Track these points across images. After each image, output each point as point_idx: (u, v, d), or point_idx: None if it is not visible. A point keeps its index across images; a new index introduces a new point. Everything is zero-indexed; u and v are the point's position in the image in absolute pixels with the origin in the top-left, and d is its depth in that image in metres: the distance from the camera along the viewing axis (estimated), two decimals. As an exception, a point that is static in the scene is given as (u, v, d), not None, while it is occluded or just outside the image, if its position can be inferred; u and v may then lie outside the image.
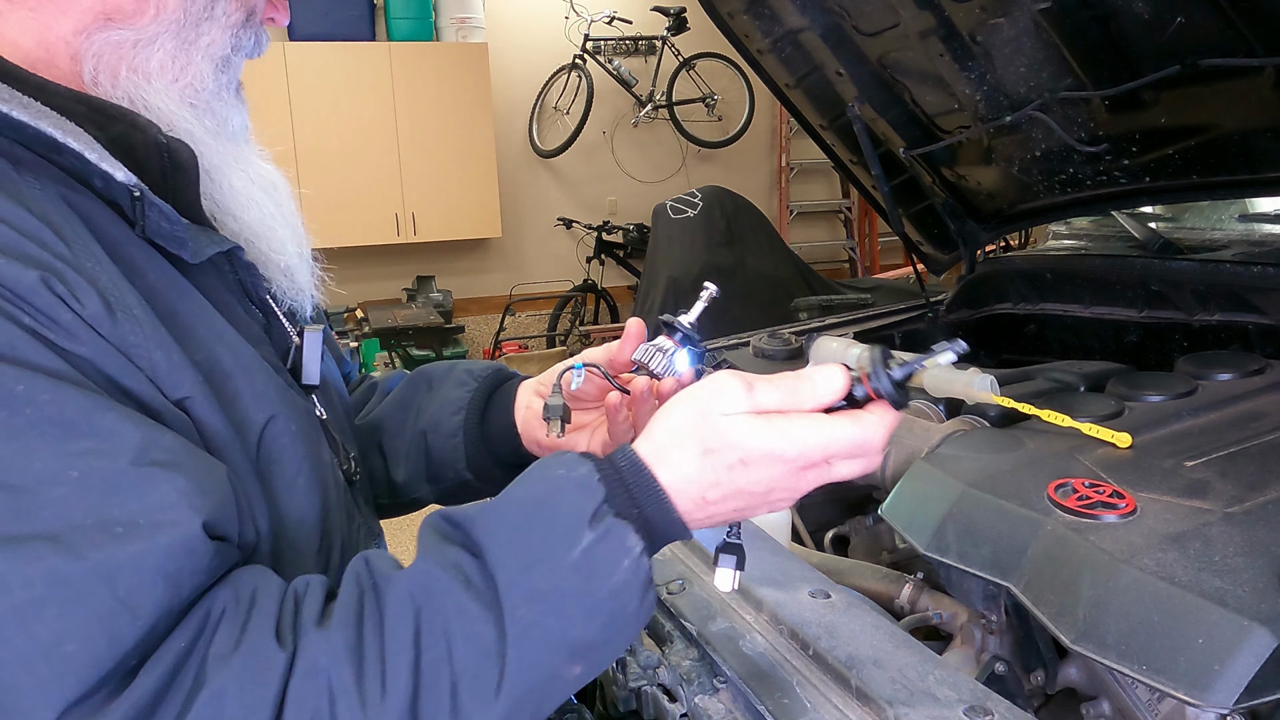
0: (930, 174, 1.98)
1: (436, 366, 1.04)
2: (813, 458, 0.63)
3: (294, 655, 0.55)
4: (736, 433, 0.62)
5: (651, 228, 4.50)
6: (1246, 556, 0.82)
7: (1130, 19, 1.33)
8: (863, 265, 8.32)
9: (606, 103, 7.47)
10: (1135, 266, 1.70)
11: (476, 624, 0.57)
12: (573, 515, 0.60)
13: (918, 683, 0.80)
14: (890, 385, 0.66)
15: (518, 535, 0.60)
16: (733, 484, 0.63)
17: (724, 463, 0.62)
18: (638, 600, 0.61)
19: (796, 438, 0.62)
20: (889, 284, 4.63)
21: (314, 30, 6.47)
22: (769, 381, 0.64)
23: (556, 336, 6.87)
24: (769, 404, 0.63)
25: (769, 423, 0.62)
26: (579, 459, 0.63)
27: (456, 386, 0.98)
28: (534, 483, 0.63)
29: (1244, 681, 0.72)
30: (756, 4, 1.82)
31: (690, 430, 0.63)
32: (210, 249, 0.71)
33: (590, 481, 0.61)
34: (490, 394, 0.98)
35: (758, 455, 0.62)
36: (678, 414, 0.64)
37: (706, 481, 0.62)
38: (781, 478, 0.63)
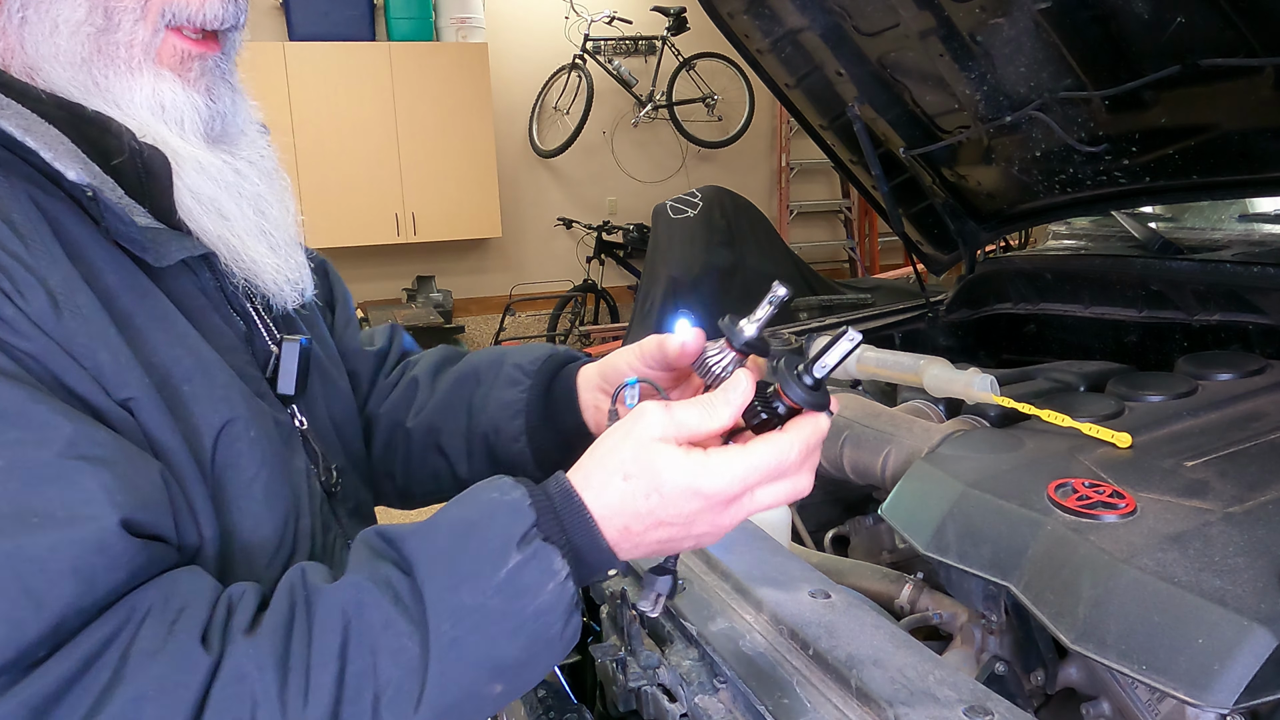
0: (930, 174, 1.98)
1: (481, 359, 1.01)
2: (730, 492, 0.62)
3: (219, 660, 0.55)
4: (652, 460, 0.62)
5: (651, 228, 4.49)
6: (1246, 556, 0.82)
7: (1130, 19, 1.33)
8: (863, 265, 8.32)
9: (606, 103, 7.47)
10: (1135, 266, 1.70)
11: (402, 639, 0.58)
12: (502, 537, 0.61)
13: (918, 683, 0.80)
14: (802, 391, 0.65)
15: (447, 555, 0.60)
16: (651, 514, 0.63)
17: (640, 491, 0.62)
18: (561, 623, 0.62)
19: (712, 471, 0.62)
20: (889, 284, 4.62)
21: (314, 30, 6.48)
22: (689, 403, 0.65)
23: (556, 336, 6.87)
24: (688, 422, 0.63)
25: (685, 454, 0.62)
26: (513, 484, 0.64)
27: (509, 386, 0.94)
28: (468, 505, 0.64)
29: (1244, 681, 0.72)
30: (756, 4, 1.82)
31: (612, 457, 0.64)
32: (178, 253, 0.71)
33: (521, 506, 0.62)
34: (547, 388, 0.94)
35: (671, 487, 0.62)
36: (606, 442, 0.65)
37: (628, 511, 0.63)
38: (700, 513, 0.63)
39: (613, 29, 7.33)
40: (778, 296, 0.70)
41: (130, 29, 0.70)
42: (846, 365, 1.49)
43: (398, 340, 1.13)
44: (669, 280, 4.25)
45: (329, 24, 6.52)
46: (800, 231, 8.43)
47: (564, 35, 7.24)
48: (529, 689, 0.76)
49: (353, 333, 1.06)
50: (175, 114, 0.73)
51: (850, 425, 1.32)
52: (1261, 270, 1.47)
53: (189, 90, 0.74)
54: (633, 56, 7.60)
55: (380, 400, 1.04)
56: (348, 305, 1.09)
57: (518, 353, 0.98)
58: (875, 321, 2.08)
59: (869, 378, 1.49)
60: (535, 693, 1.07)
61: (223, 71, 0.77)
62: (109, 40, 0.70)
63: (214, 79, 0.76)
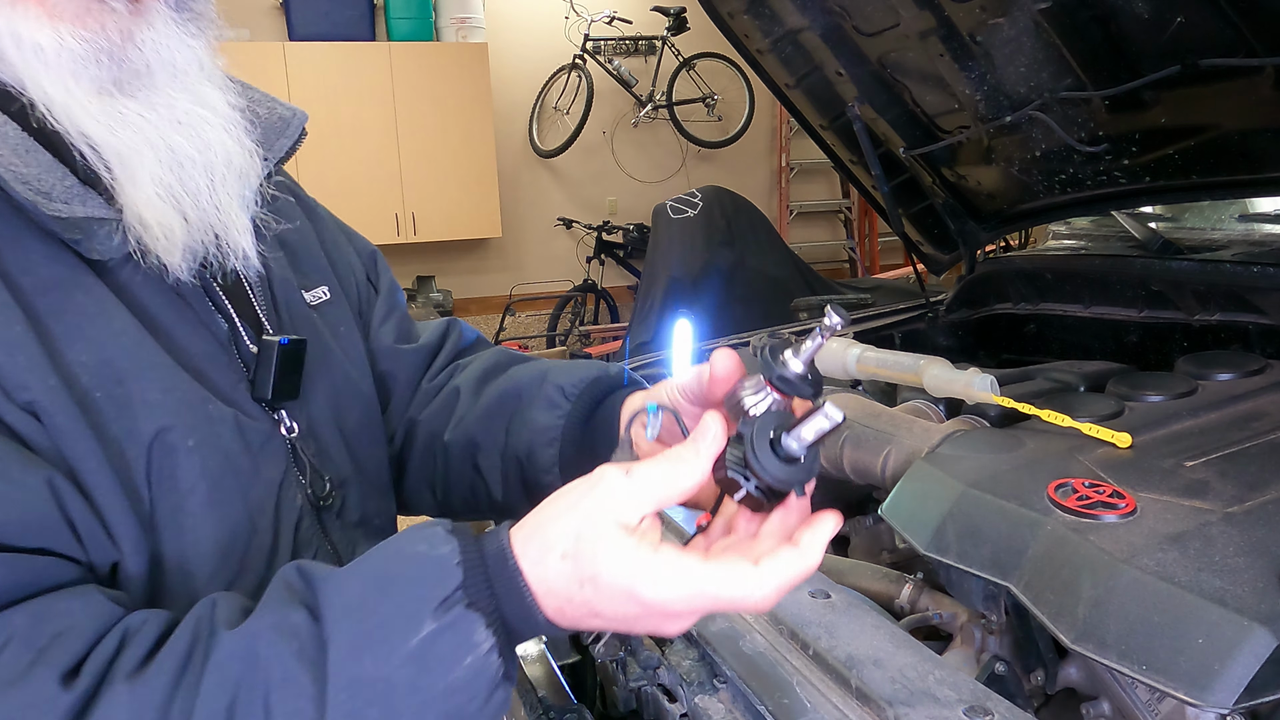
0: (930, 174, 1.97)
1: (525, 374, 0.91)
2: (671, 609, 0.54)
3: (87, 704, 0.50)
4: (595, 545, 0.53)
5: (651, 228, 4.49)
6: (1246, 556, 0.82)
7: (1130, 19, 1.33)
8: (863, 265, 8.32)
9: (606, 103, 7.47)
10: (1135, 266, 1.70)
11: (300, 700, 0.52)
12: (419, 599, 0.54)
13: (918, 683, 0.80)
14: (775, 466, 0.55)
15: (358, 611, 0.54)
16: (586, 604, 0.54)
17: (575, 576, 0.54)
18: (480, 701, 0.54)
19: (655, 580, 0.52)
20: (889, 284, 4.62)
21: (314, 30, 6.48)
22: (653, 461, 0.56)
23: (556, 336, 6.87)
24: (652, 486, 0.55)
25: (633, 548, 0.53)
26: (445, 536, 0.56)
27: (547, 409, 0.85)
28: (390, 555, 0.57)
29: (1244, 681, 0.72)
30: (756, 4, 1.82)
31: (554, 527, 0.55)
32: (124, 245, 0.65)
33: (447, 564, 0.55)
34: (588, 416, 0.84)
35: (609, 583, 0.53)
36: (558, 502, 0.57)
37: (561, 593, 0.55)
38: (639, 618, 0.55)
39: (613, 29, 7.33)
40: (832, 325, 0.56)
41: None
42: (846, 365, 1.49)
43: (453, 338, 1.03)
44: (669, 280, 4.24)
45: (329, 24, 6.52)
46: (800, 231, 8.43)
47: (564, 35, 7.24)
48: None
49: (392, 330, 0.98)
50: (34, 48, 0.61)
51: (850, 425, 1.32)
52: (1261, 270, 1.47)
53: (54, 23, 0.61)
54: (633, 56, 7.59)
55: (422, 406, 0.97)
56: (391, 300, 1.00)
57: (562, 371, 0.88)
58: (875, 321, 2.08)
59: (869, 378, 1.49)
60: (535, 693, 1.07)
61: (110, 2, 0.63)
62: None
63: (91, 5, 0.62)
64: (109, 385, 0.62)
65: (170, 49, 0.67)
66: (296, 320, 0.83)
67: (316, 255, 0.91)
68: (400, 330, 0.99)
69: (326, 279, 0.91)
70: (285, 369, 0.75)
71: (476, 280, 7.61)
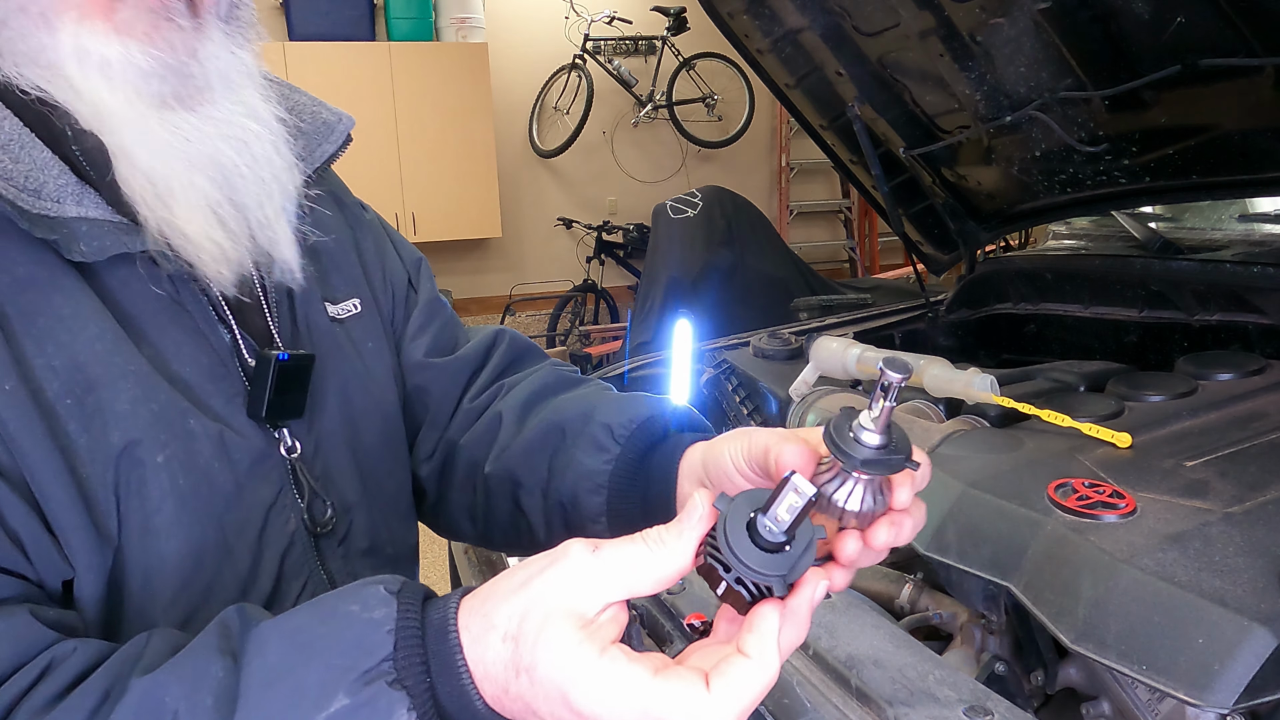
0: (930, 174, 1.97)
1: (570, 409, 0.82)
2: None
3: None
4: (538, 634, 0.47)
5: (651, 228, 4.49)
6: (1246, 556, 0.82)
7: (1130, 19, 1.33)
8: (863, 265, 8.32)
9: (606, 103, 7.47)
10: (1135, 266, 1.70)
11: None
12: (338, 669, 0.48)
13: (918, 683, 0.80)
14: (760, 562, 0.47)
15: (276, 672, 0.48)
16: (519, 695, 0.47)
17: (513, 663, 0.47)
18: None
19: (590, 687, 0.45)
20: (889, 284, 4.62)
21: (314, 30, 6.48)
22: (628, 541, 0.49)
23: (556, 336, 6.87)
24: (620, 570, 0.48)
25: (577, 644, 0.46)
26: (384, 598, 0.50)
27: (594, 452, 0.77)
28: (320, 613, 0.51)
29: (1244, 681, 0.72)
30: (756, 4, 1.82)
31: (502, 606, 0.49)
32: (112, 248, 0.62)
33: (378, 631, 0.49)
34: (640, 461, 0.76)
35: (544, 679, 0.46)
36: (513, 577, 0.50)
37: (499, 679, 0.48)
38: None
39: (613, 29, 7.32)
40: (891, 382, 0.48)
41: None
42: (846, 365, 1.49)
43: (500, 351, 0.94)
44: (669, 280, 4.24)
45: (329, 24, 6.52)
46: (800, 231, 8.43)
47: (564, 35, 7.23)
48: None
49: (427, 342, 0.91)
50: (100, 62, 0.61)
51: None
52: (1261, 270, 1.47)
53: (122, 38, 0.61)
54: (633, 56, 7.59)
55: (463, 428, 0.89)
56: (430, 310, 0.94)
57: (611, 407, 0.80)
58: (875, 321, 2.08)
59: (869, 378, 1.49)
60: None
61: (171, 12, 0.63)
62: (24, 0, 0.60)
63: (159, 21, 0.63)
64: (78, 392, 0.60)
65: (225, 61, 0.68)
66: (315, 334, 0.79)
67: (351, 266, 0.87)
68: (437, 342, 0.92)
69: (359, 291, 0.86)
70: (286, 386, 0.70)
71: (476, 280, 7.61)
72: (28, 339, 0.59)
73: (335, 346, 0.80)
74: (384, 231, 0.96)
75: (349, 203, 0.92)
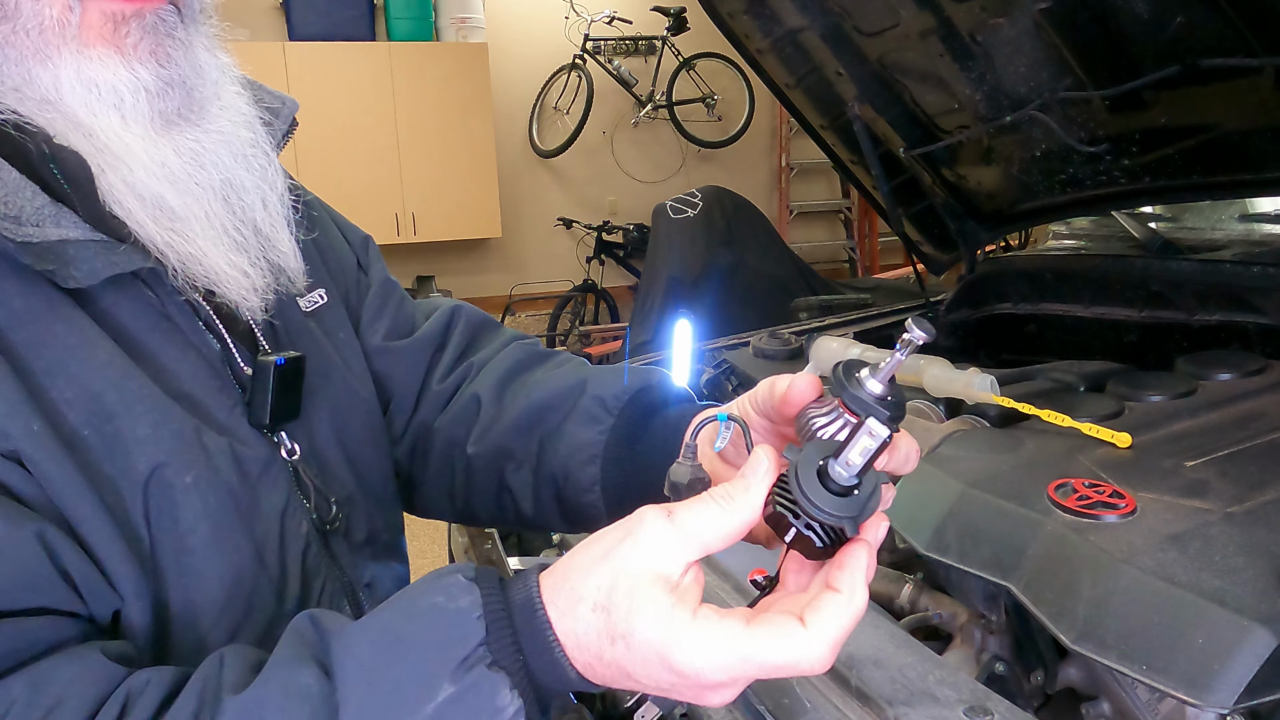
0: (930, 174, 1.97)
1: (558, 381, 0.83)
2: (709, 679, 0.48)
3: None
4: (631, 601, 0.48)
5: (651, 228, 4.49)
6: (1246, 556, 0.82)
7: (1130, 19, 1.33)
8: (863, 265, 8.32)
9: (606, 103, 7.47)
10: (1135, 266, 1.70)
11: None
12: (435, 660, 0.49)
13: (918, 683, 0.80)
14: (832, 505, 0.49)
15: (372, 672, 0.49)
16: (617, 664, 0.49)
17: (607, 632, 0.49)
18: None
19: (691, 648, 0.47)
20: (889, 284, 4.62)
21: (314, 30, 6.48)
22: (698, 502, 0.51)
23: (556, 336, 6.88)
24: (698, 531, 0.50)
25: (671, 608, 0.48)
26: (466, 586, 0.51)
27: (586, 424, 0.78)
28: (404, 609, 0.52)
29: (1244, 681, 0.72)
30: (756, 4, 1.82)
31: (588, 578, 0.50)
32: (103, 270, 0.60)
33: (468, 619, 0.50)
34: (634, 433, 0.77)
35: (642, 645, 0.48)
36: (590, 550, 0.51)
37: (591, 649, 0.49)
38: (674, 687, 0.49)
39: (613, 29, 7.33)
40: (914, 339, 0.50)
41: (33, 10, 0.57)
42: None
43: (459, 330, 0.94)
44: (669, 280, 4.24)
45: (329, 24, 6.52)
46: (800, 231, 8.43)
47: (564, 35, 7.23)
48: None
49: (385, 326, 0.91)
50: (112, 95, 0.60)
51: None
52: (1261, 270, 1.47)
53: (129, 62, 0.61)
54: (633, 56, 7.59)
55: (434, 410, 0.90)
56: (385, 293, 0.93)
57: (602, 380, 0.80)
58: (875, 321, 2.08)
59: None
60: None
61: (170, 26, 0.63)
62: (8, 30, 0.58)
63: (161, 37, 0.62)
64: (98, 422, 0.58)
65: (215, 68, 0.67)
66: (294, 331, 0.78)
67: (311, 256, 0.84)
68: (394, 324, 0.92)
69: (322, 281, 0.85)
70: (284, 389, 0.70)
71: (476, 280, 7.61)
72: (40, 374, 0.57)
73: (313, 341, 0.80)
74: (326, 214, 0.93)
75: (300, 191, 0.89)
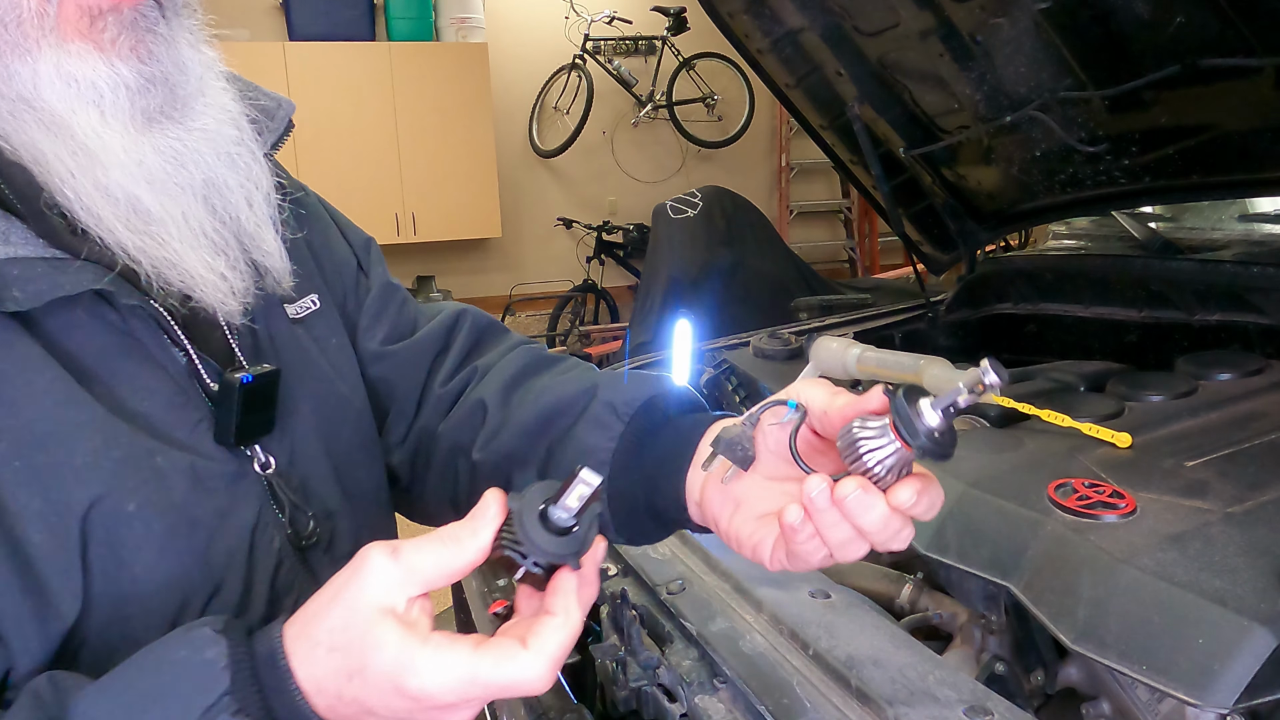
0: (930, 174, 1.97)
1: (568, 385, 0.81)
2: (442, 700, 0.50)
3: None
4: (362, 636, 0.50)
5: (651, 228, 4.49)
6: (1246, 556, 0.82)
7: (1130, 19, 1.33)
8: (863, 265, 8.32)
9: (606, 103, 7.47)
10: (1135, 266, 1.70)
11: None
12: (180, 712, 0.49)
13: (918, 683, 0.80)
14: (552, 544, 0.53)
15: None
16: (356, 700, 0.51)
17: (343, 669, 0.50)
18: None
19: (420, 671, 0.49)
20: (889, 284, 4.63)
21: (314, 30, 6.48)
22: (426, 540, 0.52)
23: (556, 336, 6.88)
24: (422, 568, 0.52)
25: (401, 637, 0.50)
26: (212, 637, 0.52)
27: (595, 429, 0.76)
28: (150, 665, 0.52)
29: (1244, 681, 0.72)
30: (756, 4, 1.82)
31: (320, 622, 0.52)
32: (47, 292, 0.57)
33: (213, 669, 0.50)
34: (645, 440, 0.75)
35: (376, 676, 0.50)
36: (323, 594, 0.53)
37: (330, 689, 0.51)
38: (413, 714, 0.51)
39: (613, 29, 7.32)
40: (989, 383, 0.49)
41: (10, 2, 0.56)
42: (846, 365, 1.49)
43: (464, 333, 0.92)
44: (669, 280, 4.24)
45: (329, 24, 6.51)
46: (800, 231, 8.43)
47: (564, 35, 7.23)
48: None
49: (384, 329, 0.89)
50: (91, 91, 0.58)
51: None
52: (1261, 270, 1.47)
53: (108, 58, 0.59)
54: (633, 56, 7.59)
55: (437, 415, 0.88)
56: (385, 296, 0.90)
57: (612, 385, 0.78)
58: (875, 321, 2.08)
59: (869, 378, 1.49)
60: (535, 693, 1.07)
61: (151, 22, 0.61)
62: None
63: (141, 33, 0.60)
64: (30, 453, 0.56)
65: (199, 63, 0.65)
66: (278, 339, 0.75)
67: (304, 259, 0.82)
68: (394, 328, 0.90)
69: (315, 285, 0.82)
70: (253, 405, 0.67)
71: (476, 280, 7.61)
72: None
73: (300, 350, 0.77)
74: (327, 214, 0.91)
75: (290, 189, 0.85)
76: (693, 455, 0.70)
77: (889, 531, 0.57)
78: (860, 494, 0.55)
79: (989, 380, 0.49)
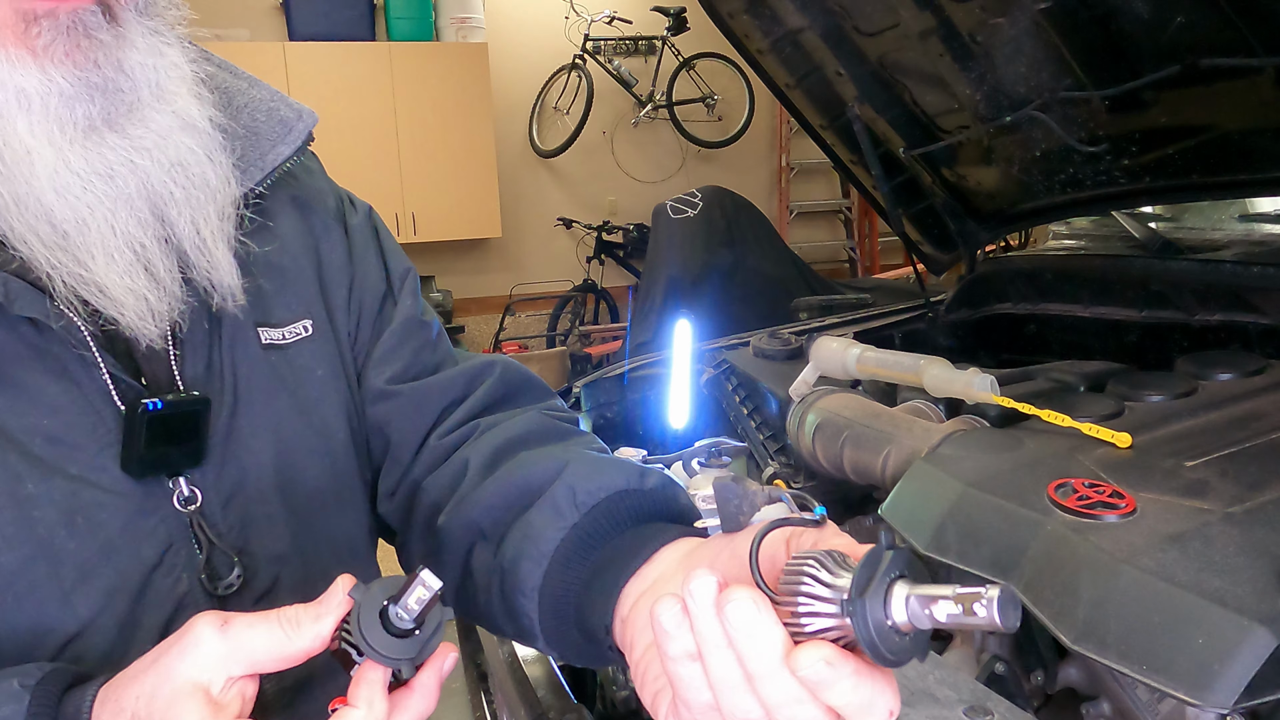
0: (930, 174, 1.98)
1: (544, 461, 0.71)
2: None
3: None
4: (167, 710, 0.47)
5: (651, 228, 4.49)
6: (1246, 556, 0.82)
7: (1130, 19, 1.33)
8: (863, 265, 8.32)
9: (606, 103, 7.47)
10: (1135, 266, 1.70)
11: None
12: None
13: (918, 682, 0.80)
14: (388, 646, 0.49)
15: None
16: None
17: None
18: None
19: None
20: (889, 284, 4.63)
21: (314, 30, 6.48)
22: (261, 619, 0.49)
23: (556, 336, 6.88)
24: (251, 647, 0.49)
25: (210, 717, 0.47)
26: (17, 692, 0.49)
27: (551, 516, 0.66)
28: None
29: (1244, 681, 0.72)
30: (756, 4, 1.82)
31: (131, 686, 0.49)
32: None
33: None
34: (602, 537, 0.65)
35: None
36: (144, 658, 0.50)
37: None
38: None
39: (613, 29, 7.32)
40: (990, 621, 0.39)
41: None
42: (846, 365, 1.49)
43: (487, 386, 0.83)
44: (669, 280, 4.24)
45: (329, 24, 6.51)
46: (800, 231, 8.43)
47: (564, 35, 7.23)
48: None
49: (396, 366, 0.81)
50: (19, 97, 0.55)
51: (850, 425, 1.32)
52: (1261, 270, 1.47)
53: (41, 63, 0.56)
54: (633, 56, 7.59)
55: (428, 467, 0.80)
56: (406, 330, 0.83)
57: (584, 469, 0.68)
58: (875, 321, 2.08)
59: (869, 378, 1.49)
60: (535, 692, 1.07)
61: (92, 27, 0.57)
62: None
63: (78, 38, 0.57)
64: None
65: (153, 66, 0.61)
66: (240, 366, 0.70)
67: (305, 282, 0.77)
68: (408, 367, 0.82)
69: (311, 310, 0.76)
70: (173, 435, 0.62)
71: (476, 280, 7.61)
72: None
73: (268, 378, 0.72)
74: (372, 237, 0.85)
75: (318, 207, 0.81)
76: (640, 566, 0.60)
77: (782, 694, 0.42)
78: (751, 609, 0.42)
79: (986, 614, 0.39)
